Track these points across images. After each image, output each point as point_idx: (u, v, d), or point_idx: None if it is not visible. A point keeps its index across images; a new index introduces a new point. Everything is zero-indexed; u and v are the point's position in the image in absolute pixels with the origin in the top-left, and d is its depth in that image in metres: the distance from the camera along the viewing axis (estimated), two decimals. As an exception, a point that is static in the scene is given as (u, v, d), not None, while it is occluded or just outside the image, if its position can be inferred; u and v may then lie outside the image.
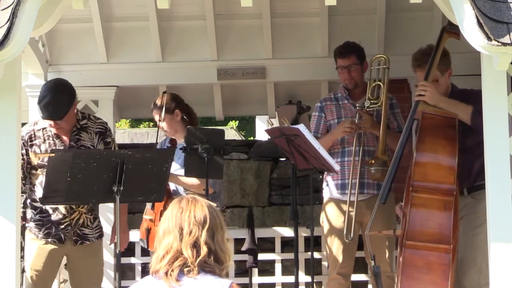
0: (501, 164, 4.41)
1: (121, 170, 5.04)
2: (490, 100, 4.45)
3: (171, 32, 7.43)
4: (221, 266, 3.19)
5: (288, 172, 7.89)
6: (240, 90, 8.12)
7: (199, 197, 3.28)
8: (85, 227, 5.61)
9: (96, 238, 5.69)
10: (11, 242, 4.30)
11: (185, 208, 3.22)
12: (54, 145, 5.46)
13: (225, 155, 6.60)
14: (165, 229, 3.21)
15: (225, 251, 3.22)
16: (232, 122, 21.21)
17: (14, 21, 4.01)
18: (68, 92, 5.51)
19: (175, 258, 3.15)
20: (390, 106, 6.04)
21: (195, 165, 6.26)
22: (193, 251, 3.14)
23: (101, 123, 5.71)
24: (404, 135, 5.37)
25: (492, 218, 4.42)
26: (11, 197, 4.31)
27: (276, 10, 7.25)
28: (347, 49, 6.19)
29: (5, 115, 4.32)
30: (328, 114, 6.19)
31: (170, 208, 3.25)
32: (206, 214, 3.21)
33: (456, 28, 5.69)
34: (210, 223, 3.19)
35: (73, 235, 5.55)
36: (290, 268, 6.89)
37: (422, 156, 5.22)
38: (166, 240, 3.18)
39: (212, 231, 3.19)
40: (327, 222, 6.07)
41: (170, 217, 3.22)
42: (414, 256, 5.05)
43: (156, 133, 6.60)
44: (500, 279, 4.38)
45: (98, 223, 5.74)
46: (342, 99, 6.20)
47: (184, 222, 3.18)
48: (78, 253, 5.60)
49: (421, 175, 5.16)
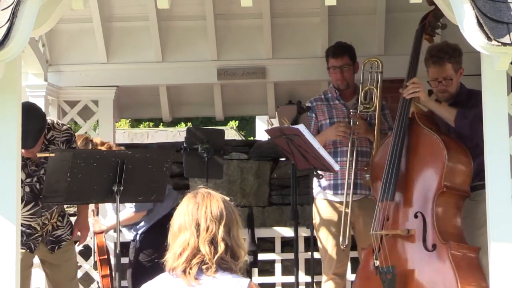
0: (501, 164, 4.41)
1: (121, 170, 5.04)
2: (490, 100, 4.44)
3: (171, 32, 7.43)
4: (236, 262, 3.16)
5: (288, 172, 7.89)
6: (240, 90, 8.12)
7: (214, 192, 3.24)
8: (56, 229, 5.61)
9: (69, 234, 5.69)
10: (11, 242, 4.29)
11: (201, 203, 3.17)
12: (25, 165, 5.28)
13: (225, 155, 6.61)
14: (180, 225, 3.16)
15: (240, 246, 3.19)
16: (232, 122, 21.22)
17: (14, 21, 4.00)
18: (39, 119, 5.26)
19: (193, 255, 3.11)
20: (380, 108, 6.02)
21: (195, 165, 6.26)
22: (211, 248, 3.11)
23: (66, 131, 5.52)
24: (400, 135, 5.36)
25: (492, 218, 4.41)
26: (11, 197, 4.31)
27: (276, 10, 7.25)
28: (340, 49, 6.18)
29: (5, 115, 4.32)
30: (320, 115, 6.17)
31: (185, 203, 3.20)
32: (222, 209, 3.17)
33: (432, 30, 5.75)
34: (227, 219, 3.16)
35: (48, 244, 5.56)
36: (290, 268, 6.89)
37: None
38: (182, 237, 3.14)
39: (229, 227, 3.16)
40: (320, 223, 6.06)
41: (186, 212, 3.17)
42: (459, 257, 5.05)
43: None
44: (500, 279, 4.38)
45: (67, 219, 5.72)
46: (333, 99, 6.19)
47: (201, 218, 3.14)
48: (53, 256, 5.61)
49: (451, 178, 5.18)
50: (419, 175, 5.33)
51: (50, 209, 5.48)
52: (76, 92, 7.48)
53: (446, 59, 5.49)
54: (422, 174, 5.33)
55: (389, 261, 5.13)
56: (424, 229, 5.14)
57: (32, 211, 5.39)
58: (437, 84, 5.58)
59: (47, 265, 5.72)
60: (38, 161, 5.36)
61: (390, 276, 5.05)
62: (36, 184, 5.35)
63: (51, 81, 7.30)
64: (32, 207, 5.38)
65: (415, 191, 5.29)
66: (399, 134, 5.38)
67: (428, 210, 5.17)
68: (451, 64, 5.49)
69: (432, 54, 5.56)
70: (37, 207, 5.39)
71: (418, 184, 5.30)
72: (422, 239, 5.12)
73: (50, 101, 7.34)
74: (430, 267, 5.09)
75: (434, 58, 5.54)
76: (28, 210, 5.37)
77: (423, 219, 5.15)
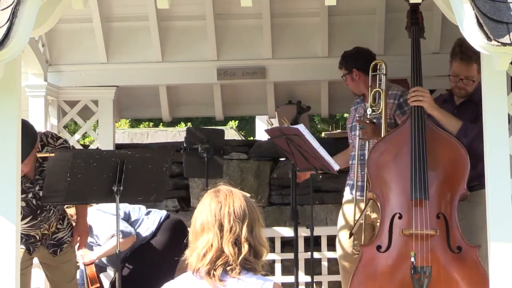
0: (501, 164, 4.40)
1: (121, 170, 5.04)
2: (490, 100, 4.44)
3: (171, 32, 7.43)
4: (259, 261, 3.16)
5: (288, 172, 7.88)
6: (240, 90, 8.12)
7: (235, 189, 3.22)
8: (57, 232, 5.59)
9: (70, 236, 5.67)
10: (11, 242, 4.29)
11: (223, 202, 3.15)
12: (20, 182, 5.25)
13: (225, 155, 6.61)
14: (203, 223, 3.14)
15: (262, 244, 3.18)
16: (232, 122, 21.19)
17: (14, 21, 4.00)
18: (30, 137, 5.09)
19: (217, 257, 3.10)
20: (398, 105, 5.97)
21: (195, 165, 6.27)
22: (235, 249, 3.10)
23: (61, 143, 5.42)
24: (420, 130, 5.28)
25: (492, 218, 4.41)
26: (11, 197, 4.31)
27: (276, 10, 7.25)
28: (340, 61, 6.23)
29: (5, 115, 4.32)
30: (349, 118, 6.25)
31: (207, 201, 3.18)
32: (244, 208, 3.15)
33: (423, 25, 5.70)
34: (249, 218, 3.15)
35: (49, 248, 5.55)
36: (290, 268, 6.89)
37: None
38: (205, 237, 3.12)
39: (251, 226, 3.15)
40: (342, 218, 6.07)
41: (208, 211, 3.15)
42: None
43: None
44: (500, 279, 4.38)
45: (67, 221, 5.71)
46: (360, 102, 6.21)
47: (224, 218, 3.12)
48: (53, 258, 5.60)
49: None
50: (439, 175, 5.26)
51: (48, 221, 5.44)
52: (76, 92, 7.48)
53: (474, 59, 5.33)
54: (442, 174, 5.27)
55: (429, 261, 5.07)
56: (447, 230, 5.13)
57: (30, 224, 5.37)
58: (458, 80, 5.50)
59: (46, 266, 5.71)
60: (33, 178, 5.32)
61: (427, 276, 5.03)
62: (32, 200, 5.31)
63: (51, 81, 7.30)
64: (30, 220, 5.34)
65: (436, 191, 5.22)
66: (419, 128, 5.27)
67: (450, 212, 5.15)
68: (477, 65, 5.31)
69: (463, 50, 5.41)
70: (34, 221, 5.36)
71: (439, 184, 5.24)
72: (446, 240, 5.11)
73: (50, 101, 7.35)
74: (457, 269, 5.09)
75: (464, 55, 5.41)
76: (26, 223, 5.34)
77: (445, 220, 5.14)
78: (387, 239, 5.22)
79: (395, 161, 5.37)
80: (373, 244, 5.27)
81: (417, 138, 5.26)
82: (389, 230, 5.24)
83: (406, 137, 5.33)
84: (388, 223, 5.25)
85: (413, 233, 5.13)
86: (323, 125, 19.33)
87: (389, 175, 5.38)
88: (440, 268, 5.11)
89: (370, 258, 5.27)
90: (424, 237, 5.13)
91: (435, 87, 7.06)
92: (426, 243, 5.13)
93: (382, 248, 5.22)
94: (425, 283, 5.03)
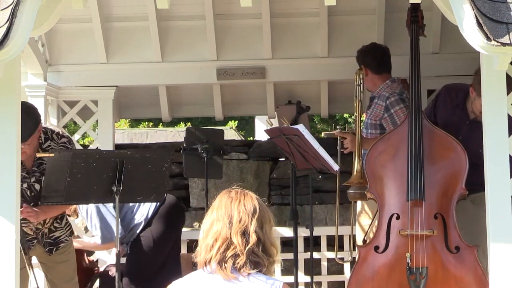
0: (501, 164, 4.40)
1: (121, 170, 5.04)
2: (490, 100, 4.44)
3: (171, 32, 7.43)
4: (268, 258, 3.19)
5: (287, 172, 7.89)
6: (240, 90, 8.13)
7: (248, 191, 3.28)
8: (54, 231, 5.58)
9: (68, 236, 5.67)
10: (11, 242, 4.29)
11: (234, 198, 3.21)
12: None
13: (224, 155, 6.62)
14: (213, 219, 3.19)
15: (273, 244, 3.22)
16: (231, 122, 21.18)
17: (14, 21, 4.00)
18: (33, 116, 5.22)
19: (226, 247, 3.13)
20: (385, 108, 5.98)
21: (194, 165, 6.27)
22: (243, 239, 3.13)
23: (63, 143, 5.45)
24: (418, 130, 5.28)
25: (492, 218, 4.42)
26: (11, 197, 4.31)
27: (275, 10, 7.25)
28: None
29: (5, 115, 4.32)
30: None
31: (218, 199, 3.24)
32: (256, 205, 3.21)
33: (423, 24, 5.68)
34: (260, 214, 3.19)
35: (46, 246, 5.53)
36: (289, 268, 6.89)
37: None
38: (215, 227, 3.16)
39: (261, 222, 3.19)
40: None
41: (219, 206, 3.21)
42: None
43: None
44: (500, 279, 4.38)
45: (66, 220, 5.70)
46: (372, 100, 6.24)
47: (234, 211, 3.17)
48: (50, 257, 5.59)
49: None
50: (437, 174, 5.27)
51: None
52: (76, 92, 7.48)
53: None
54: (440, 174, 5.28)
55: (424, 262, 5.09)
56: (445, 230, 5.13)
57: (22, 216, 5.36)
58: (479, 114, 5.18)
59: (44, 266, 5.70)
60: (29, 168, 5.32)
61: (424, 277, 5.04)
62: (26, 191, 5.30)
63: (51, 81, 7.30)
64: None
65: (434, 191, 5.23)
66: (417, 128, 5.28)
67: (448, 212, 5.15)
68: None
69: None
70: None
71: (437, 184, 5.25)
72: (444, 240, 5.12)
73: (49, 101, 7.34)
74: (455, 270, 5.09)
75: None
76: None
77: (443, 220, 5.14)
78: (384, 239, 5.23)
79: (393, 161, 5.38)
80: (371, 244, 5.29)
81: (414, 138, 5.27)
82: (387, 230, 5.25)
83: (404, 137, 5.34)
84: (386, 223, 5.26)
85: (410, 234, 5.15)
86: (322, 125, 19.35)
87: (386, 175, 5.40)
88: (438, 268, 5.11)
89: (368, 259, 5.29)
90: (421, 238, 5.13)
91: (435, 87, 7.05)
92: (423, 244, 5.14)
93: (379, 249, 5.23)
94: (421, 284, 5.04)
